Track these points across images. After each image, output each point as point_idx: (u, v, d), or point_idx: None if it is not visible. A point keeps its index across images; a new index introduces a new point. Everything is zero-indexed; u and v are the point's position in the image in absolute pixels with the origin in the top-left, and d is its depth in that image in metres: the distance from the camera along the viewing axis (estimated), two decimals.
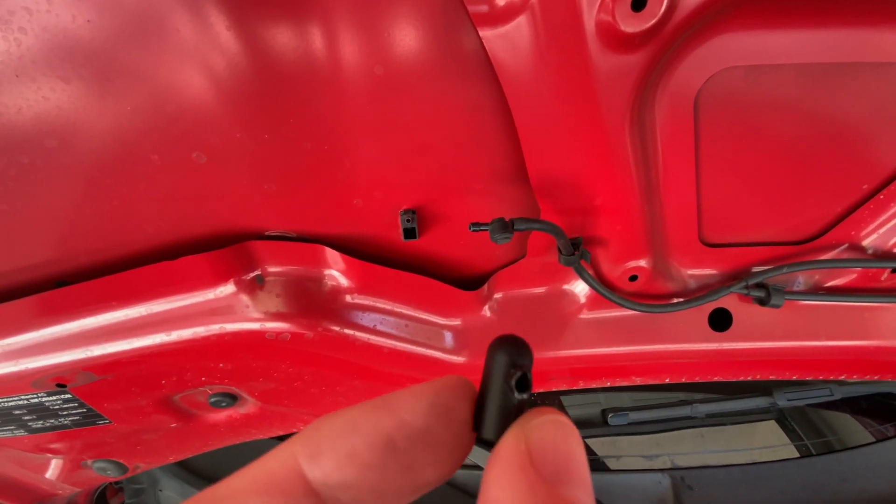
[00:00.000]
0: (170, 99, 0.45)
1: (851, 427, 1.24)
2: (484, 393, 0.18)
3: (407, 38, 0.47)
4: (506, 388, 0.18)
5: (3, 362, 0.64)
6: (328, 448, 0.16)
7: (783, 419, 1.53)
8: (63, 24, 0.40)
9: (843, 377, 0.81)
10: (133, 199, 0.53)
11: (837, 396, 1.10)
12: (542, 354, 0.78)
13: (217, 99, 0.46)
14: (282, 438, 1.32)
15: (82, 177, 0.50)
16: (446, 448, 0.17)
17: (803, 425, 1.38)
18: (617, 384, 0.83)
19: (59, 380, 0.66)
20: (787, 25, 0.47)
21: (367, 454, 0.16)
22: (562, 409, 1.46)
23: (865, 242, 0.70)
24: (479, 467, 1.13)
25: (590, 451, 1.32)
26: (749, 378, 0.84)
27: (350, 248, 0.67)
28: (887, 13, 0.45)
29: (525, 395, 0.18)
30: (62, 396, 0.70)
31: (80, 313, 0.61)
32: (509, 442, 0.16)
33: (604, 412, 1.22)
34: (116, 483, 1.33)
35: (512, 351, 0.19)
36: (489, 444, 0.17)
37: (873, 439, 1.19)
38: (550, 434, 0.16)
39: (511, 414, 0.18)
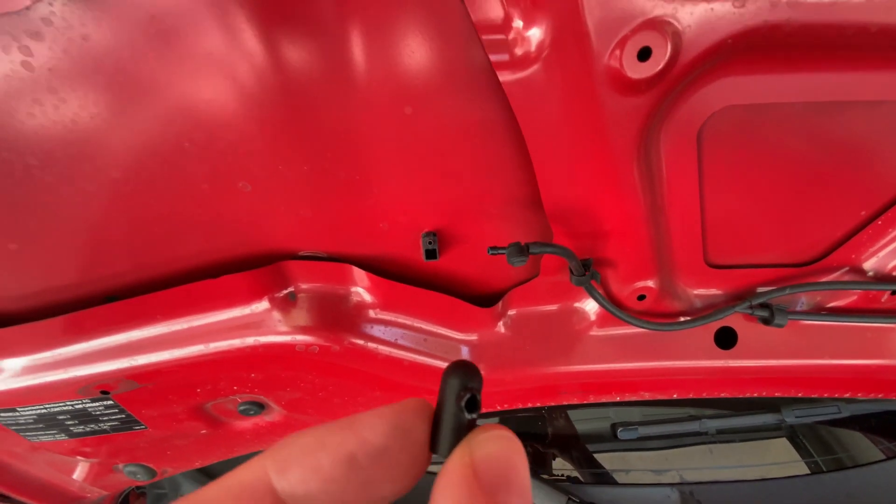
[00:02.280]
0: (223, 136, 0.51)
1: (862, 444, 1.25)
2: (439, 414, 0.20)
3: (435, 82, 0.52)
4: (457, 409, 0.19)
5: (54, 370, 0.69)
6: (296, 462, 0.18)
7: (794, 437, 1.54)
8: (139, 71, 0.46)
9: (847, 395, 0.84)
10: (183, 223, 0.58)
11: (846, 414, 1.12)
12: (554, 369, 0.81)
13: (264, 135, 0.52)
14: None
15: (140, 203, 0.55)
16: (403, 466, 0.19)
17: (814, 442, 1.39)
18: (626, 399, 0.86)
19: (103, 387, 0.71)
20: (782, 70, 0.51)
21: (330, 469, 0.17)
22: (567, 422, 1.47)
23: (865, 265, 0.73)
24: None
25: (598, 466, 1.34)
26: (754, 395, 0.87)
27: (375, 266, 0.72)
28: (871, 59, 0.49)
29: (474, 415, 0.19)
30: (105, 403, 0.75)
31: (128, 326, 0.66)
32: (455, 457, 0.18)
33: (613, 426, 1.24)
34: (139, 488, 1.37)
35: (462, 375, 0.20)
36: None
37: (884, 457, 1.20)
38: (493, 448, 0.17)
39: (462, 432, 0.19)
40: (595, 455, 1.38)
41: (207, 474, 1.26)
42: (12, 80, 0.44)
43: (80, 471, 1.00)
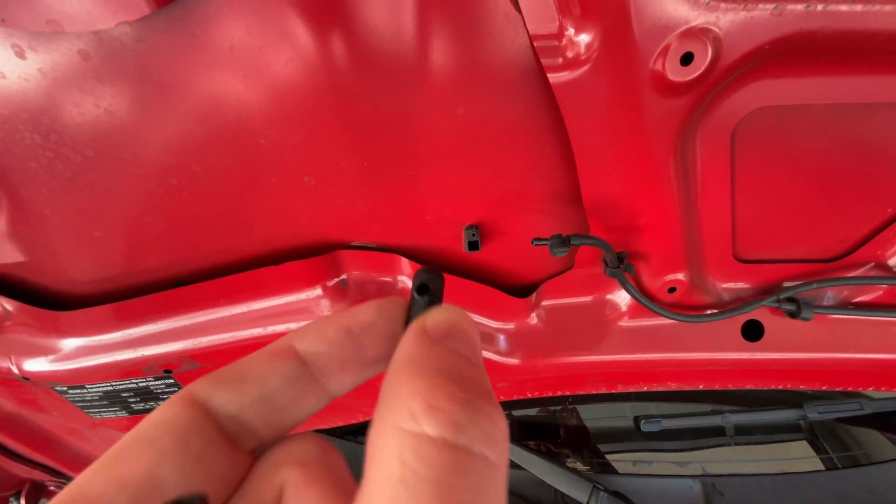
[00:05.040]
0: (294, 134, 0.56)
1: (880, 442, 1.26)
2: (409, 300, 0.27)
3: (486, 84, 0.56)
4: (414, 294, 0.26)
5: (124, 350, 0.75)
6: (309, 332, 0.25)
7: (814, 439, 1.55)
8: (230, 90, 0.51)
9: (871, 389, 0.86)
10: (251, 214, 0.63)
11: (868, 411, 1.13)
12: (585, 358, 0.85)
13: (330, 134, 0.57)
14: (333, 432, 1.40)
15: (215, 195, 0.60)
16: (386, 336, 0.25)
17: (831, 440, 1.40)
18: (654, 388, 0.89)
19: (167, 366, 0.77)
20: (814, 73, 0.54)
21: (333, 335, 0.24)
22: (579, 421, 1.49)
23: (891, 261, 0.75)
24: (515, 466, 1.19)
25: (609, 465, 1.35)
26: (780, 387, 0.90)
27: (418, 256, 0.76)
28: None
29: (425, 297, 0.25)
30: (166, 381, 0.80)
31: (193, 310, 0.72)
32: (412, 324, 0.23)
33: (636, 419, 1.27)
34: None
35: (422, 272, 0.26)
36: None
37: None
38: (442, 313, 0.22)
39: (422, 311, 0.25)
40: (618, 453, 1.41)
41: None
42: (118, 83, 0.49)
43: None
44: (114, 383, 0.81)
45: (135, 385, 0.81)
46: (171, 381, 0.80)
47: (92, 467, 0.19)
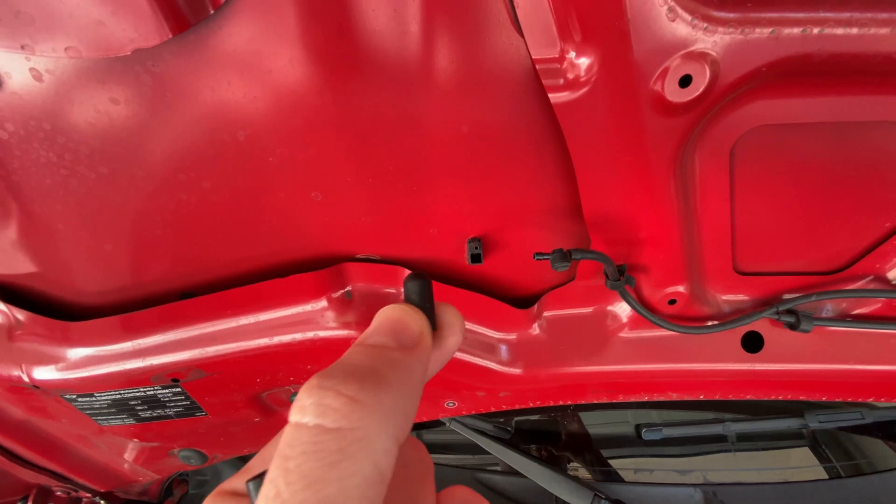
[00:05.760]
0: (303, 152, 0.57)
1: (882, 451, 1.27)
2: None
3: (490, 103, 0.57)
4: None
5: (133, 359, 0.76)
6: None
7: (816, 447, 1.55)
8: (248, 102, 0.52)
9: (870, 400, 0.87)
10: (258, 228, 0.65)
11: (869, 420, 1.14)
12: (586, 369, 0.86)
13: (338, 152, 0.58)
14: None
15: (225, 210, 0.62)
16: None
17: (834, 449, 1.40)
18: (654, 399, 0.90)
19: (174, 375, 0.78)
20: (811, 94, 0.56)
21: None
22: (580, 425, 1.50)
23: (889, 274, 0.76)
24: (516, 473, 1.20)
25: (612, 469, 1.36)
26: (779, 398, 0.90)
27: (422, 269, 0.77)
28: (894, 83, 0.54)
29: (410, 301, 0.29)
30: (173, 390, 0.82)
31: (201, 321, 0.73)
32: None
33: (637, 427, 1.28)
34: (181, 475, 1.45)
35: (407, 280, 0.30)
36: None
37: None
38: (376, 316, 0.27)
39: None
40: (619, 459, 1.41)
41: (246, 462, 1.33)
42: (132, 104, 0.51)
43: (134, 454, 1.07)
44: (122, 391, 0.82)
45: (143, 393, 0.83)
46: (179, 389, 0.82)
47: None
